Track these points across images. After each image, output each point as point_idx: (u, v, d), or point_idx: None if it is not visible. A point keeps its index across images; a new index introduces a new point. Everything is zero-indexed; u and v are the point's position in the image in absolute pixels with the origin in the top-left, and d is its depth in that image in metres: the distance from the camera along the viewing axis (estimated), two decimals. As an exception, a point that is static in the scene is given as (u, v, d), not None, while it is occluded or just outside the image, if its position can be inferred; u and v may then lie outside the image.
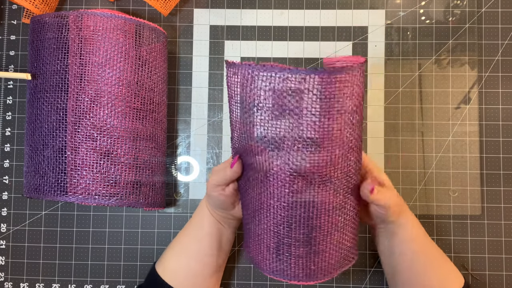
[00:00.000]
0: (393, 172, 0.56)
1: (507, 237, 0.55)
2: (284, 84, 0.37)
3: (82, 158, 0.47)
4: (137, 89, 0.50)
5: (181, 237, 0.51)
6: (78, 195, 0.47)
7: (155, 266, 0.51)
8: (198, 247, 0.49)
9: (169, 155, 0.57)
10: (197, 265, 0.49)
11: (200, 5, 0.58)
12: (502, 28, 0.57)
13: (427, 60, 0.57)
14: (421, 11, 0.57)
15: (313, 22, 0.58)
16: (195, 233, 0.50)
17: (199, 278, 0.49)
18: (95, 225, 0.56)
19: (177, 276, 0.49)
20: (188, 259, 0.49)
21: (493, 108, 0.57)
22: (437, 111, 0.56)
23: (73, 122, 0.48)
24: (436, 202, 0.56)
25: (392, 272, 0.48)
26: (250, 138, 0.40)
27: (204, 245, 0.49)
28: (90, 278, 0.56)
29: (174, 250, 0.50)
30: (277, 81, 0.37)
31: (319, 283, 0.55)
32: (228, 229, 0.50)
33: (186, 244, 0.50)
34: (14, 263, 0.56)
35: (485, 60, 0.57)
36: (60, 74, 0.49)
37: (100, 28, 0.48)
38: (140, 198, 0.50)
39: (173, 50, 0.58)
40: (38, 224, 0.57)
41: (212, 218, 0.49)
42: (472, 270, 0.55)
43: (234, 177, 0.44)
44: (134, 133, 0.50)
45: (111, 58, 0.48)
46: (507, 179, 0.56)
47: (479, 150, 0.56)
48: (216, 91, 0.57)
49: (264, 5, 0.58)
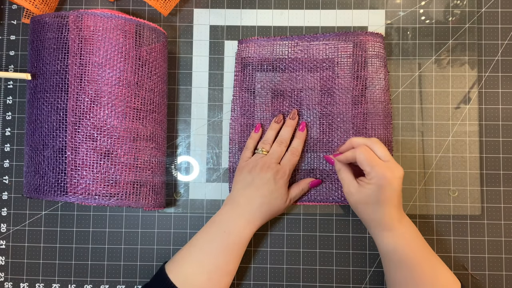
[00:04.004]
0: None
1: (507, 237, 0.55)
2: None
3: (82, 158, 0.47)
4: (137, 89, 0.50)
5: (204, 246, 0.49)
6: (78, 195, 0.47)
7: (165, 269, 0.49)
8: (227, 260, 0.49)
9: (169, 155, 0.57)
10: (219, 277, 0.48)
11: (200, 5, 0.58)
12: (502, 28, 0.57)
13: (427, 60, 0.57)
14: (421, 11, 0.57)
15: (313, 22, 0.58)
16: (226, 245, 0.49)
17: (216, 285, 0.48)
18: (95, 225, 0.56)
19: (193, 285, 0.47)
20: (209, 272, 0.48)
21: (493, 108, 0.57)
22: (437, 111, 0.56)
23: (73, 122, 0.48)
24: (436, 202, 0.56)
25: (389, 277, 0.49)
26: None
27: (236, 255, 0.49)
28: (90, 278, 0.56)
29: (194, 259, 0.48)
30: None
31: (319, 283, 0.55)
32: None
33: (212, 256, 0.48)
34: (14, 263, 0.56)
35: (485, 60, 0.57)
36: (60, 74, 0.49)
37: (100, 28, 0.48)
38: (140, 198, 0.50)
39: (173, 50, 0.58)
40: (38, 224, 0.57)
41: (253, 229, 0.50)
42: (472, 270, 0.55)
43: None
44: (134, 133, 0.50)
45: (111, 58, 0.48)
46: (507, 179, 0.56)
47: (479, 150, 0.56)
48: (216, 91, 0.57)
49: (264, 5, 0.58)
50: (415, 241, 0.48)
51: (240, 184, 0.51)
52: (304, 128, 0.54)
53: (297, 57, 0.55)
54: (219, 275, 0.48)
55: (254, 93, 0.56)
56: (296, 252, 0.56)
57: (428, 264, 0.47)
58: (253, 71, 0.56)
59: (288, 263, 0.56)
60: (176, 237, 0.56)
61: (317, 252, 0.56)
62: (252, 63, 0.56)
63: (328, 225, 0.56)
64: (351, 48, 0.54)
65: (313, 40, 0.55)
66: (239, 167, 0.53)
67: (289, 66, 0.55)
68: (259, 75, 0.56)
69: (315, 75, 0.55)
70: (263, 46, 0.56)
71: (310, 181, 0.54)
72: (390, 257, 0.48)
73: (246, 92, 0.56)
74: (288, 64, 0.55)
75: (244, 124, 0.56)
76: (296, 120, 0.55)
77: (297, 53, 0.55)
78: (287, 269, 0.56)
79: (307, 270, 0.56)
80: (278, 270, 0.56)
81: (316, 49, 0.55)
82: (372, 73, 0.54)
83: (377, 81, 0.54)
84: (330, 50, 0.54)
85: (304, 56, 0.55)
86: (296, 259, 0.56)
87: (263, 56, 0.56)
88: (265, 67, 0.55)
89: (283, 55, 0.55)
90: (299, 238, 0.56)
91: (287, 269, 0.56)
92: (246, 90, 0.56)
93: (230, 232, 0.49)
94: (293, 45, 0.55)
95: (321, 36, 0.55)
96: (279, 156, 0.52)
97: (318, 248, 0.56)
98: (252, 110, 0.56)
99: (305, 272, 0.56)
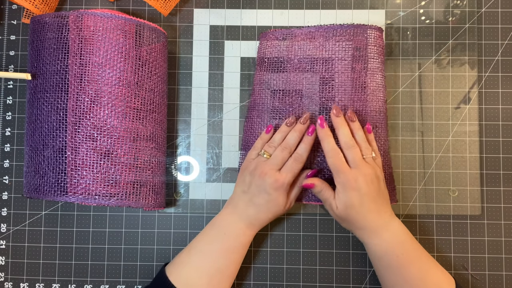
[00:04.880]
0: (393, 172, 0.56)
1: (507, 237, 0.55)
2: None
3: (82, 158, 0.47)
4: (137, 89, 0.50)
5: (204, 248, 0.49)
6: (78, 195, 0.47)
7: (166, 271, 0.49)
8: (228, 263, 0.48)
9: (169, 155, 0.57)
10: (219, 280, 0.48)
11: (200, 5, 0.58)
12: (502, 28, 0.57)
13: (427, 60, 0.57)
14: (421, 11, 0.57)
15: (313, 22, 0.58)
16: (227, 248, 0.49)
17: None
18: (95, 225, 0.56)
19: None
20: (209, 275, 0.48)
21: (493, 108, 0.57)
22: (437, 111, 0.56)
23: (73, 122, 0.48)
24: (436, 202, 0.56)
25: (382, 281, 0.49)
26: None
27: (236, 258, 0.49)
28: (90, 278, 0.56)
29: (194, 261, 0.48)
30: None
31: (319, 283, 0.55)
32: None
33: (212, 258, 0.48)
34: (14, 263, 0.56)
35: (485, 60, 0.57)
36: (60, 74, 0.49)
37: (100, 28, 0.48)
38: (140, 198, 0.50)
39: (173, 50, 0.58)
40: (38, 224, 0.57)
41: (253, 232, 0.50)
42: (472, 270, 0.55)
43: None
44: (134, 133, 0.50)
45: (111, 58, 0.48)
46: (507, 179, 0.56)
47: (479, 150, 0.56)
48: (216, 91, 0.57)
49: (264, 5, 0.58)
50: (402, 244, 0.47)
51: (240, 187, 0.51)
52: (313, 132, 0.50)
53: (314, 54, 0.53)
54: (219, 278, 0.48)
55: (272, 91, 0.54)
56: (296, 252, 0.56)
57: (417, 266, 0.46)
58: (271, 68, 0.54)
59: (288, 263, 0.56)
60: (176, 237, 0.56)
61: (317, 252, 0.56)
62: (270, 60, 0.54)
63: (328, 225, 0.56)
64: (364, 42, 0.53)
65: (329, 36, 0.53)
66: (243, 167, 0.52)
67: (305, 63, 0.53)
68: (277, 73, 0.54)
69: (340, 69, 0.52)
70: (281, 40, 0.54)
71: (306, 174, 0.52)
72: (378, 263, 0.48)
73: (264, 89, 0.55)
74: (305, 61, 0.53)
75: (258, 123, 0.55)
76: (306, 125, 0.51)
77: (313, 49, 0.53)
78: (287, 269, 0.56)
79: (307, 270, 0.56)
80: (278, 270, 0.56)
81: (332, 43, 0.53)
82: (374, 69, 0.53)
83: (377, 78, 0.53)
84: (347, 44, 0.53)
85: (321, 52, 0.53)
86: (296, 259, 0.56)
87: (280, 53, 0.54)
88: (283, 64, 0.54)
89: (300, 51, 0.54)
90: (299, 238, 0.56)
91: (287, 269, 0.56)
92: (264, 87, 0.55)
93: (230, 235, 0.49)
94: (309, 42, 0.53)
95: (338, 27, 0.53)
96: (280, 162, 0.49)
97: (318, 248, 0.56)
98: (267, 108, 0.54)
99: (305, 272, 0.56)
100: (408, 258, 0.47)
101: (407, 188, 0.56)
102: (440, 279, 0.46)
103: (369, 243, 0.48)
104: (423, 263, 0.47)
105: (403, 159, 0.56)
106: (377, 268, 0.49)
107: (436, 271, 0.47)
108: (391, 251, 0.47)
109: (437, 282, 0.46)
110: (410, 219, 0.56)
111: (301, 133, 0.51)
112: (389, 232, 0.47)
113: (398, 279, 0.46)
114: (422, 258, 0.47)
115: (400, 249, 0.47)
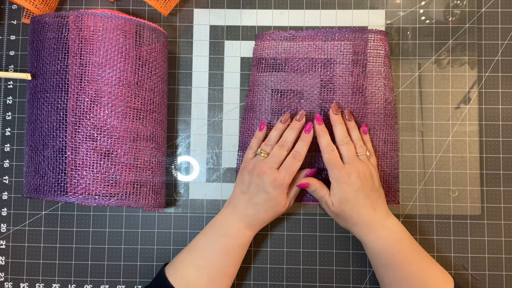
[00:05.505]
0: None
1: (507, 237, 0.55)
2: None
3: (82, 158, 0.47)
4: (137, 89, 0.50)
5: (204, 249, 0.49)
6: (78, 195, 0.47)
7: (165, 272, 0.49)
8: (227, 263, 0.48)
9: (169, 155, 0.57)
10: (219, 280, 0.48)
11: (200, 5, 0.58)
12: (502, 28, 0.57)
13: (427, 60, 0.57)
14: (421, 11, 0.57)
15: (313, 22, 0.58)
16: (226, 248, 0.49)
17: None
18: (95, 225, 0.56)
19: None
20: (209, 275, 0.48)
21: (493, 108, 0.57)
22: (437, 111, 0.56)
23: (73, 122, 0.48)
24: (436, 202, 0.56)
25: (381, 280, 0.49)
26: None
27: (236, 258, 0.49)
28: (90, 278, 0.56)
29: (194, 262, 0.48)
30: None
31: (319, 283, 0.55)
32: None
33: (212, 259, 0.48)
34: (14, 263, 0.56)
35: (485, 60, 0.57)
36: (60, 74, 0.49)
37: (100, 28, 0.48)
38: (140, 198, 0.50)
39: (173, 50, 0.58)
40: (38, 224, 0.57)
41: (253, 233, 0.50)
42: (472, 270, 0.55)
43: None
44: (134, 133, 0.50)
45: (111, 58, 0.48)
46: (507, 179, 0.56)
47: (479, 150, 0.56)
48: (216, 91, 0.57)
49: (264, 5, 0.58)
50: (399, 242, 0.47)
51: (239, 187, 0.51)
52: (310, 130, 0.50)
53: (312, 56, 0.54)
54: (219, 278, 0.48)
55: (270, 92, 0.54)
56: (296, 252, 0.56)
57: (415, 266, 0.46)
58: (269, 69, 0.55)
59: (288, 263, 0.56)
60: (176, 237, 0.56)
61: (317, 252, 0.56)
62: (268, 61, 0.55)
63: (328, 225, 0.56)
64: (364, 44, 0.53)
65: (328, 39, 0.54)
66: (241, 168, 0.52)
67: (304, 65, 0.54)
68: (275, 74, 0.54)
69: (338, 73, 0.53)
70: (278, 41, 0.54)
71: (305, 173, 0.52)
72: (375, 260, 0.48)
73: (261, 90, 0.55)
74: (303, 63, 0.54)
75: (256, 124, 0.55)
76: (302, 122, 0.51)
77: (312, 52, 0.54)
78: (287, 269, 0.56)
79: (307, 270, 0.56)
80: (278, 270, 0.56)
81: (331, 47, 0.53)
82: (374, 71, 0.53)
83: (379, 80, 0.54)
84: (346, 47, 0.53)
85: (320, 55, 0.53)
86: (296, 259, 0.56)
87: (278, 54, 0.54)
88: (281, 66, 0.54)
89: (298, 53, 0.54)
90: (299, 238, 0.56)
91: (287, 269, 0.56)
92: (261, 88, 0.55)
93: (230, 235, 0.49)
94: (308, 44, 0.54)
95: (337, 32, 0.53)
96: (278, 160, 0.49)
97: (318, 248, 0.56)
98: (265, 109, 0.54)
99: (305, 272, 0.56)
100: (405, 257, 0.47)
101: (407, 188, 0.56)
102: (439, 278, 0.46)
103: (366, 240, 0.48)
104: (422, 262, 0.47)
105: (403, 159, 0.56)
106: (375, 266, 0.49)
107: (435, 270, 0.47)
108: (387, 249, 0.47)
109: (436, 281, 0.46)
110: (410, 219, 0.56)
111: (298, 131, 0.51)
112: (385, 229, 0.48)
113: (396, 277, 0.46)
114: (421, 257, 0.47)
115: (397, 247, 0.47)
